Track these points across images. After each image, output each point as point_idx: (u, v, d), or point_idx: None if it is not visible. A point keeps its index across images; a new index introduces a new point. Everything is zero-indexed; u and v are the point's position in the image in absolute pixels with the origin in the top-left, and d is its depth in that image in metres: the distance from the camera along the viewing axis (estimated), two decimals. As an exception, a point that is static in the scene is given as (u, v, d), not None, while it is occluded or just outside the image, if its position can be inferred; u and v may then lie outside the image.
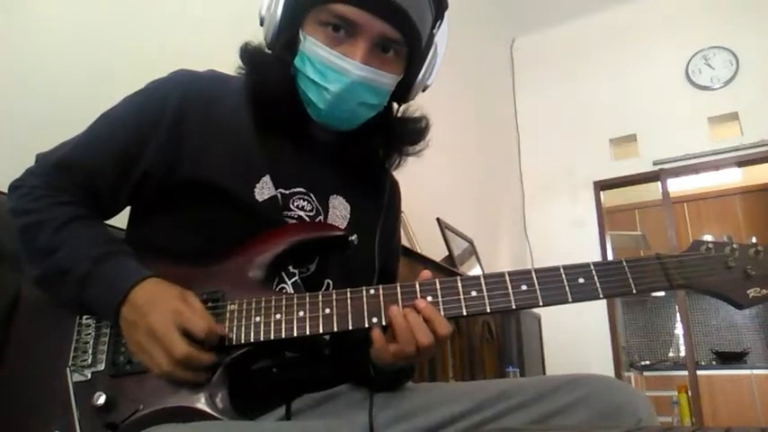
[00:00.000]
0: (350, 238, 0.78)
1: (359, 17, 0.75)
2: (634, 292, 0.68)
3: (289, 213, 0.80)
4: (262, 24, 0.82)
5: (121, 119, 0.78)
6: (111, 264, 0.70)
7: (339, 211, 0.85)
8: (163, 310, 0.65)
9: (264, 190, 0.77)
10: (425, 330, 0.66)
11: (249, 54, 0.82)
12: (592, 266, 0.69)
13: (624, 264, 0.69)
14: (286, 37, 0.79)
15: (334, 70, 0.76)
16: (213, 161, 0.76)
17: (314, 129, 0.85)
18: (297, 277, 0.78)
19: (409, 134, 0.88)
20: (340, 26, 0.76)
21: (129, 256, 0.72)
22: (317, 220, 0.82)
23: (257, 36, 0.85)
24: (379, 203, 0.90)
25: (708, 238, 0.72)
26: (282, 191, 0.79)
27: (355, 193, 0.88)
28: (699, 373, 4.12)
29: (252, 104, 0.81)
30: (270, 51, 0.83)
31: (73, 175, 0.75)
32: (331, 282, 0.82)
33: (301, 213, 0.81)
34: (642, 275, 0.68)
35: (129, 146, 0.75)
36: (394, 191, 0.98)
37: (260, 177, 0.77)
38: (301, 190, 0.82)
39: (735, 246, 0.70)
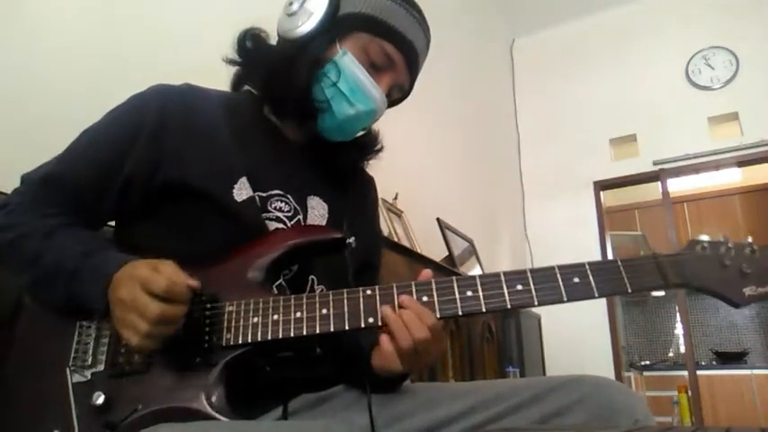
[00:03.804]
0: (347, 241, 0.79)
1: (399, 62, 0.87)
2: (629, 291, 0.68)
3: (267, 215, 0.81)
4: (290, 15, 0.86)
5: (102, 132, 0.80)
6: (97, 256, 0.71)
7: (317, 211, 0.87)
8: (129, 280, 0.66)
9: (242, 191, 0.79)
10: (420, 325, 0.67)
11: (259, 42, 0.89)
12: (587, 266, 0.69)
13: (619, 263, 0.69)
14: (324, 42, 0.84)
15: (363, 93, 0.84)
16: (192, 164, 0.78)
17: (287, 132, 0.90)
18: (281, 280, 0.79)
19: (367, 147, 0.96)
20: (380, 61, 0.86)
21: (115, 250, 0.74)
22: (296, 220, 0.84)
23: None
24: (356, 201, 0.94)
25: (704, 237, 0.72)
26: (260, 193, 0.81)
27: (331, 193, 0.90)
28: (699, 373, 4.12)
29: (228, 112, 0.85)
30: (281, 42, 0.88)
31: (57, 191, 0.76)
32: (315, 278, 0.83)
33: (279, 215, 0.82)
34: (637, 275, 0.68)
35: (111, 157, 0.77)
36: (367, 187, 1.02)
37: (237, 179, 0.79)
38: (278, 192, 0.84)
39: (730, 245, 0.70)
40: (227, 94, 0.91)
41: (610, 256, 4.29)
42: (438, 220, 2.77)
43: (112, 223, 0.85)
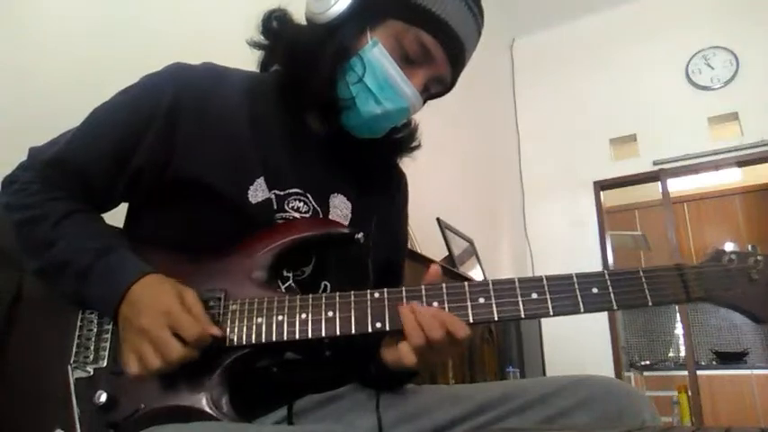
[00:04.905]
0: (356, 236, 0.77)
1: (438, 55, 0.77)
2: (650, 304, 0.64)
3: (283, 215, 0.77)
4: None
5: (115, 115, 0.76)
6: (111, 258, 0.69)
7: (340, 211, 0.83)
8: (156, 311, 0.63)
9: (258, 192, 0.75)
10: (435, 326, 0.64)
11: (285, 22, 0.82)
12: (606, 275, 0.65)
13: (641, 273, 0.65)
14: (353, 29, 0.76)
15: (393, 89, 0.76)
16: (207, 160, 0.74)
17: (311, 121, 0.84)
18: (291, 281, 0.76)
19: (403, 142, 0.90)
20: (416, 53, 0.76)
21: (130, 251, 0.71)
22: None
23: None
24: (383, 200, 0.89)
25: (730, 247, 0.67)
26: (277, 192, 0.77)
27: (357, 190, 0.86)
28: (699, 373, 4.12)
29: (250, 97, 0.80)
30: (309, 27, 0.80)
31: (66, 174, 0.74)
32: (328, 284, 0.79)
33: (296, 215, 0.78)
34: (659, 287, 0.64)
35: (123, 142, 0.74)
36: (398, 185, 0.97)
37: (254, 179, 0.76)
38: (298, 191, 0.79)
39: (759, 257, 0.65)
40: (251, 76, 0.84)
41: (610, 257, 4.29)
42: (438, 220, 2.77)
43: (113, 221, 0.84)
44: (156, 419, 0.62)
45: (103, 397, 0.65)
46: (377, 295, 0.68)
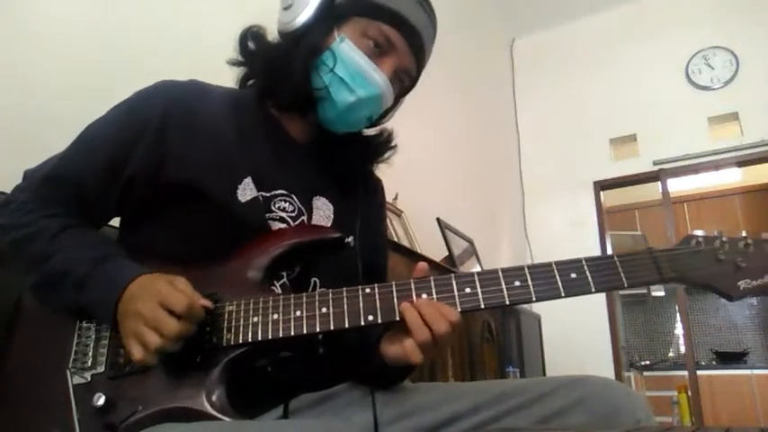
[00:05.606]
0: (346, 240, 0.79)
1: (400, 45, 0.84)
2: (626, 286, 0.69)
3: (271, 215, 0.80)
4: (286, 8, 0.85)
5: (108, 129, 0.80)
6: (109, 264, 0.71)
7: (323, 212, 0.86)
8: (148, 294, 0.65)
9: (247, 191, 0.78)
10: (437, 316, 0.67)
11: (260, 39, 0.88)
12: (584, 262, 0.70)
13: (615, 258, 0.70)
14: (321, 31, 0.83)
15: (363, 78, 0.82)
16: (196, 164, 0.77)
17: (293, 130, 0.88)
18: (285, 279, 0.79)
19: (380, 147, 0.94)
20: (380, 44, 0.83)
21: (126, 258, 0.73)
22: (300, 220, 0.83)
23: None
24: (363, 202, 0.93)
25: (699, 232, 0.73)
26: (264, 193, 0.81)
27: (338, 194, 0.89)
28: (699, 373, 4.12)
29: (233, 110, 0.84)
30: (281, 39, 0.87)
31: (61, 189, 0.76)
32: (318, 280, 0.82)
33: (283, 215, 0.82)
34: (633, 270, 0.69)
35: (115, 156, 0.77)
36: (375, 189, 1.01)
37: (242, 179, 0.79)
38: (283, 192, 0.83)
39: (724, 239, 0.71)
40: (232, 91, 0.90)
41: (610, 256, 4.28)
42: (438, 220, 2.77)
43: (115, 223, 0.84)
44: (154, 420, 0.63)
45: (101, 400, 0.66)
46: (368, 290, 0.70)
